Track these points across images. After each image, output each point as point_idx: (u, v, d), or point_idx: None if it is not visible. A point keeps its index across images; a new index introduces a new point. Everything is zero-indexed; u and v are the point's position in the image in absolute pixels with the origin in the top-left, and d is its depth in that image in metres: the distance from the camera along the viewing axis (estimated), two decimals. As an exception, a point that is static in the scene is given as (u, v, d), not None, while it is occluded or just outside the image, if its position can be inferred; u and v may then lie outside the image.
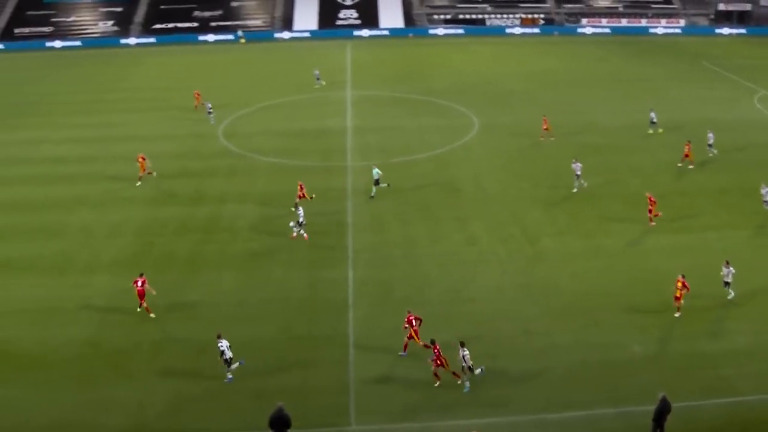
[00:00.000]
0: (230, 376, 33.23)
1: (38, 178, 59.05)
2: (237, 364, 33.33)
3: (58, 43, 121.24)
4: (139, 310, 38.89)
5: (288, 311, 38.95)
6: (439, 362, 31.99)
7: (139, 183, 56.49)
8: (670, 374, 33.00)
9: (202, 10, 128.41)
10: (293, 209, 48.33)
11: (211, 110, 73.71)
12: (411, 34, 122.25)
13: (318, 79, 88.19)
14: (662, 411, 28.42)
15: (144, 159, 57.25)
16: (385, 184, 53.13)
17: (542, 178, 55.45)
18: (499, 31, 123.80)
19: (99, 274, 42.78)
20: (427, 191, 54.18)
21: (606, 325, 36.88)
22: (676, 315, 36.90)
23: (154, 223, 50.07)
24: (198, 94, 78.49)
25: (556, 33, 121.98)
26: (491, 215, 49.81)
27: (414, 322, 34.72)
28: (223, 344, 32.98)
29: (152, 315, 38.61)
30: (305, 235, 46.78)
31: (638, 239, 45.91)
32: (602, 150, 62.19)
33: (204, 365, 34.39)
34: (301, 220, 46.85)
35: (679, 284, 36.62)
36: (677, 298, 36.80)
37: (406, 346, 34.75)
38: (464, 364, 31.76)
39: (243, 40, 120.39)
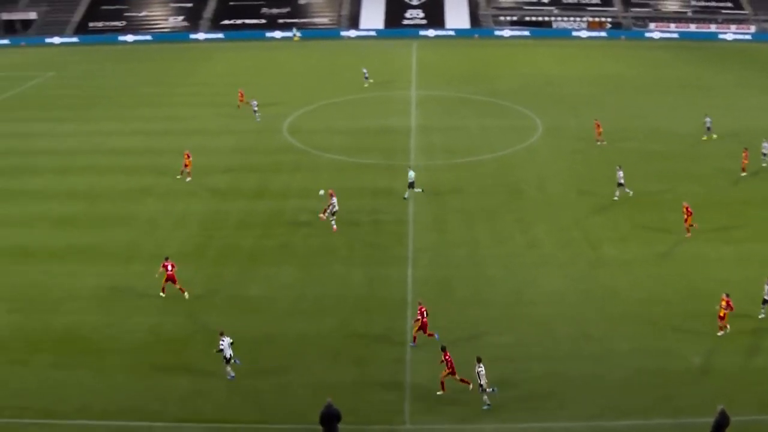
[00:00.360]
0: (233, 374, 33.37)
1: (108, 169, 60.55)
2: (235, 362, 33.50)
3: (130, 38, 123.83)
4: (163, 294, 40.07)
5: (346, 308, 39.19)
6: (448, 370, 31.72)
7: (189, 178, 57.23)
8: (729, 387, 32.30)
9: (270, 7, 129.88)
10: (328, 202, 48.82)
11: (256, 108, 74.10)
12: (477, 35, 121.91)
13: (366, 77, 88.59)
14: (720, 424, 27.91)
15: (189, 156, 57.83)
16: (419, 189, 52.73)
17: (605, 182, 54.71)
18: (566, 33, 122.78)
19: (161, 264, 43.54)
20: (490, 192, 54.06)
21: (665, 334, 36.28)
22: (719, 334, 35.73)
23: (217, 216, 50.87)
24: (242, 93, 78.71)
25: (623, 37, 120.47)
26: (554, 218, 49.49)
27: (425, 313, 35.14)
28: (225, 342, 33.10)
29: (164, 295, 40.08)
30: (334, 225, 47.90)
31: (699, 248, 45.01)
32: (667, 156, 61.28)
33: (259, 358, 34.84)
34: (335, 209, 47.74)
35: (724, 303, 35.47)
36: (721, 318, 35.68)
37: (429, 335, 35.38)
38: (478, 381, 30.90)
39: (297, 38, 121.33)
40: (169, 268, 39.82)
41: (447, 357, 31.63)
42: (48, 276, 42.99)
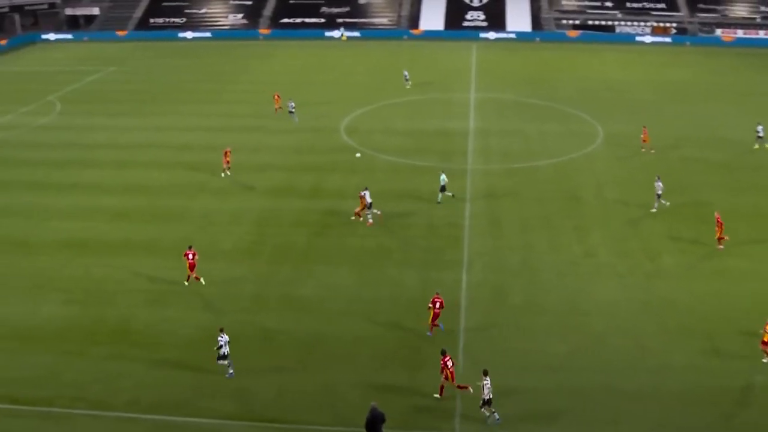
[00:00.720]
0: (231, 371, 33.42)
1: (165, 164, 61.22)
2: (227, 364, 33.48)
3: (189, 34, 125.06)
4: (186, 283, 40.98)
5: (398, 310, 38.88)
6: (444, 374, 31.33)
7: (230, 173, 57.55)
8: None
9: (330, 6, 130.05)
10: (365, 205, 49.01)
11: (293, 110, 73.84)
12: (538, 39, 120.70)
13: (407, 80, 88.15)
14: (782, 444, 27.15)
15: (229, 152, 58.06)
16: (450, 194, 52.44)
17: (665, 191, 53.65)
18: (629, 38, 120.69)
19: (216, 260, 43.63)
20: (547, 198, 53.30)
21: (725, 350, 35.27)
22: (765, 360, 34.13)
23: (272, 214, 50.99)
24: (277, 96, 77.06)
25: (687, 43, 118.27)
26: (611, 227, 48.59)
27: (437, 304, 35.47)
28: (223, 339, 33.13)
29: (204, 282, 41.09)
30: (370, 219, 48.65)
31: (759, 263, 43.77)
32: (728, 166, 59.74)
33: (310, 359, 34.83)
34: (369, 202, 48.33)
35: None
36: (765, 343, 34.01)
37: (432, 328, 36.16)
38: (483, 395, 30.15)
39: (344, 38, 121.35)
40: (190, 256, 40.76)
41: (445, 360, 31.27)
42: (104, 269, 43.54)
